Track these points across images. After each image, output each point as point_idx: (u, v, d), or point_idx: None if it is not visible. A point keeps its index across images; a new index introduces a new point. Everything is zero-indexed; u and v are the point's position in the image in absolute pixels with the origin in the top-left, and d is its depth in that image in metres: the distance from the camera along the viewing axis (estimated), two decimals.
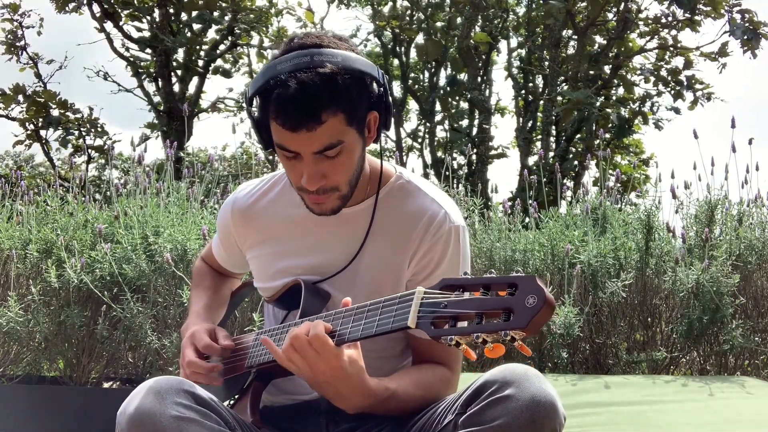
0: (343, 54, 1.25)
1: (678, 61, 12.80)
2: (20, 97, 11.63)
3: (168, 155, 3.73)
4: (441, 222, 1.37)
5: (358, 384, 1.18)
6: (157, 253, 3.12)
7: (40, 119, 11.62)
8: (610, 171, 4.21)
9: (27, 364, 3.44)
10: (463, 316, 0.98)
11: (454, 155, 14.53)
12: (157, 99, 13.33)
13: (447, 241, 1.36)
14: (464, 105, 15.66)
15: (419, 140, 16.31)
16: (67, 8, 12.25)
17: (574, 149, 13.16)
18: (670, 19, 12.26)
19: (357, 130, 1.29)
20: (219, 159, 3.90)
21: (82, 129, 11.93)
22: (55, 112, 11.74)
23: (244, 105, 1.32)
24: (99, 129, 12.02)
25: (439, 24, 14.79)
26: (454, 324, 0.99)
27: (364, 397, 1.20)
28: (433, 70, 15.73)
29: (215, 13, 12.90)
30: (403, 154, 15.93)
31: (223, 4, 12.89)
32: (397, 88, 15.93)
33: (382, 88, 1.29)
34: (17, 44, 12.36)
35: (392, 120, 1.35)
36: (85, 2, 12.23)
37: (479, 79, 13.95)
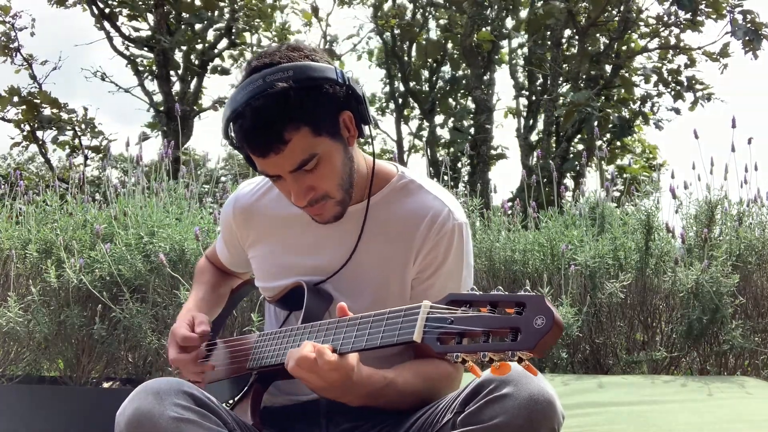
0: (295, 66, 1.24)
1: (680, 60, 12.82)
2: (15, 99, 11.63)
3: (166, 155, 3.73)
4: (445, 219, 1.37)
5: (358, 379, 1.18)
6: (152, 253, 3.11)
7: (36, 122, 11.63)
8: (608, 172, 4.21)
9: (27, 364, 3.44)
10: (469, 333, 0.97)
11: (458, 155, 14.52)
12: (157, 98, 13.34)
13: (451, 239, 1.37)
14: (465, 104, 15.64)
15: (423, 139, 16.29)
16: (67, 3, 12.26)
17: (574, 149, 13.15)
18: (673, 18, 12.26)
19: (329, 136, 1.28)
20: (217, 159, 3.90)
21: (76, 129, 11.93)
22: (47, 112, 11.74)
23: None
24: (94, 129, 12.02)
25: (442, 21, 14.78)
26: (460, 341, 0.98)
27: (361, 386, 1.20)
28: (433, 67, 15.72)
29: (213, 13, 12.90)
30: (404, 153, 15.92)
31: (221, 3, 12.89)
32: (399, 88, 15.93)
33: (344, 87, 1.28)
34: (11, 46, 12.36)
35: (367, 111, 1.33)
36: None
37: (482, 78, 13.93)
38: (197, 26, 13.21)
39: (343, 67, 15.71)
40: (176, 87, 13.29)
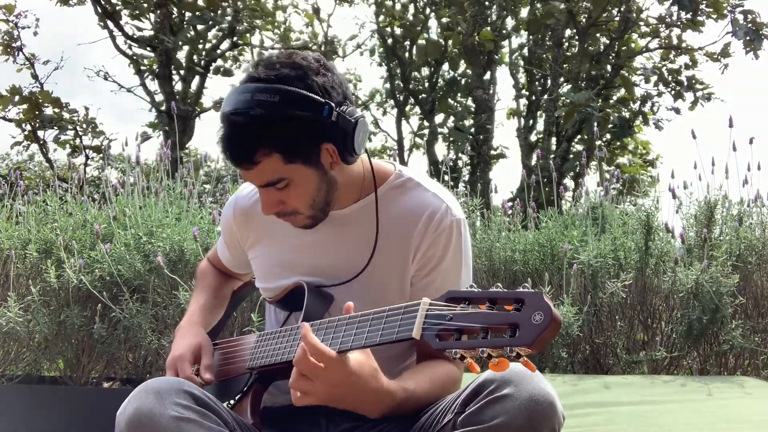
0: (284, 92, 1.23)
1: (682, 60, 12.83)
2: (17, 98, 11.63)
3: (165, 155, 3.73)
4: (443, 216, 1.37)
5: (377, 387, 1.16)
6: (152, 254, 3.11)
7: (37, 121, 11.62)
8: (608, 171, 4.21)
9: (27, 364, 3.43)
10: (468, 329, 0.97)
11: (459, 155, 14.51)
12: (159, 98, 13.35)
13: (449, 235, 1.37)
14: (466, 104, 15.63)
15: (424, 138, 16.25)
16: (70, 2, 12.29)
17: (574, 149, 13.15)
18: (674, 18, 12.26)
19: (304, 164, 1.29)
20: (217, 158, 3.90)
21: (78, 129, 11.93)
22: (49, 111, 11.74)
23: None
24: (95, 129, 12.01)
25: (444, 20, 14.77)
26: (459, 337, 0.98)
27: (386, 399, 1.18)
28: (433, 68, 15.71)
29: (216, 12, 12.90)
30: (405, 152, 15.91)
31: (224, 4, 12.90)
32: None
33: (330, 121, 1.26)
34: (13, 45, 12.37)
35: (355, 143, 1.30)
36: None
37: (483, 77, 13.92)
38: (199, 27, 13.20)
39: (346, 56, 15.70)
40: (177, 87, 13.29)
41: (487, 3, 13.26)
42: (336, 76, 1.32)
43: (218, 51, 13.66)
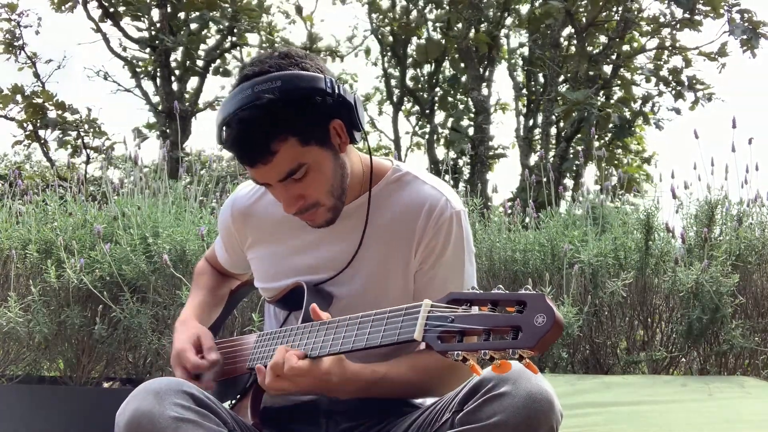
0: (284, 76, 1.24)
1: (676, 61, 12.82)
2: (18, 97, 11.60)
3: (163, 155, 3.73)
4: (443, 209, 1.37)
5: (341, 379, 1.22)
6: (155, 254, 3.11)
7: (38, 121, 11.60)
8: (608, 170, 4.22)
9: (27, 364, 3.44)
10: (470, 331, 0.98)
11: (458, 155, 14.51)
12: (156, 99, 13.34)
13: (450, 227, 1.37)
14: (466, 103, 15.63)
15: (425, 137, 16.23)
16: (63, 8, 12.28)
17: (574, 149, 13.15)
18: (670, 18, 12.27)
19: (319, 144, 1.28)
20: (217, 159, 3.90)
21: (80, 130, 11.92)
22: (53, 114, 11.72)
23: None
24: (97, 129, 12.00)
25: (438, 25, 14.77)
26: (461, 339, 0.98)
27: (349, 382, 1.23)
28: (432, 69, 15.71)
29: (215, 13, 12.90)
30: (401, 152, 15.89)
31: (224, 4, 12.89)
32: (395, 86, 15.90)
33: (333, 96, 1.27)
34: (15, 44, 12.36)
35: (359, 117, 1.32)
36: (80, 2, 12.25)
37: (479, 78, 13.93)
38: (193, 26, 13.19)
39: (342, 56, 15.68)
40: (174, 87, 13.28)
41: (482, 5, 13.24)
42: (321, 63, 1.33)
43: (218, 51, 13.65)
